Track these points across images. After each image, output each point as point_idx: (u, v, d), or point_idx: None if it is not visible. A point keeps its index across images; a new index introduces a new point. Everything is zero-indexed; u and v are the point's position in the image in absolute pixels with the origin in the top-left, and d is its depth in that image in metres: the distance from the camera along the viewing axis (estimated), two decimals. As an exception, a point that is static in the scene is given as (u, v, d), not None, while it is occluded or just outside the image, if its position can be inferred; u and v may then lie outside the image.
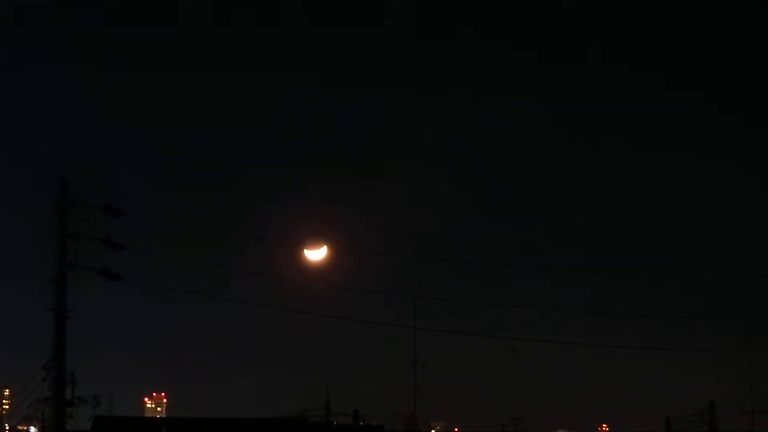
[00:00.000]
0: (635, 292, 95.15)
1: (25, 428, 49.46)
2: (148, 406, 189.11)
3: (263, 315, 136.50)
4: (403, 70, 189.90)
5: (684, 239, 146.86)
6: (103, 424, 47.06)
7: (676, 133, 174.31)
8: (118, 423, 51.40)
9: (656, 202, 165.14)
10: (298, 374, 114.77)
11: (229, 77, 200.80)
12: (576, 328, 63.86)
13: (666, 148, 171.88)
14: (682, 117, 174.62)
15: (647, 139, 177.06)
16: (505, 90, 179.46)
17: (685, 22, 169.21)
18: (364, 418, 65.66)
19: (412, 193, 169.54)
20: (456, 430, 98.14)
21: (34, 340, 45.59)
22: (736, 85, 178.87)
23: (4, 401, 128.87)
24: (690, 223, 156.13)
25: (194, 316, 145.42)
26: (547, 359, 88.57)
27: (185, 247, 49.87)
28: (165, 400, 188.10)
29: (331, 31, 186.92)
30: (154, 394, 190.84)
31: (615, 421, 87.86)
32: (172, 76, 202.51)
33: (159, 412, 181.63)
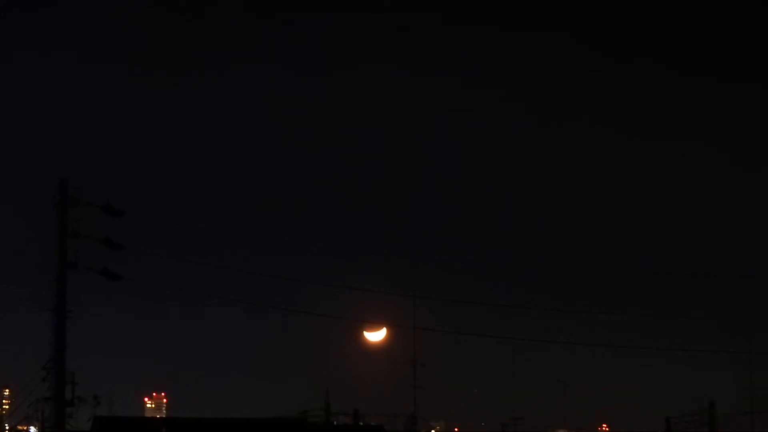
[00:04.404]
0: (636, 291, 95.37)
1: (25, 428, 49.38)
2: (148, 406, 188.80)
3: (264, 315, 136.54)
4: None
5: (684, 238, 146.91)
6: (103, 424, 46.88)
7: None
8: (118, 423, 51.14)
9: (656, 202, 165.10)
10: (298, 374, 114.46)
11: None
12: (575, 328, 63.87)
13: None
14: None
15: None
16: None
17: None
18: (364, 418, 65.44)
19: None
20: (456, 430, 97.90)
21: (34, 340, 45.57)
22: None
23: (4, 401, 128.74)
24: (690, 221, 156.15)
25: (195, 316, 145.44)
26: (547, 359, 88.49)
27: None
28: (165, 400, 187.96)
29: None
30: (154, 394, 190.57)
31: (615, 421, 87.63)
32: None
33: (159, 412, 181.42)
